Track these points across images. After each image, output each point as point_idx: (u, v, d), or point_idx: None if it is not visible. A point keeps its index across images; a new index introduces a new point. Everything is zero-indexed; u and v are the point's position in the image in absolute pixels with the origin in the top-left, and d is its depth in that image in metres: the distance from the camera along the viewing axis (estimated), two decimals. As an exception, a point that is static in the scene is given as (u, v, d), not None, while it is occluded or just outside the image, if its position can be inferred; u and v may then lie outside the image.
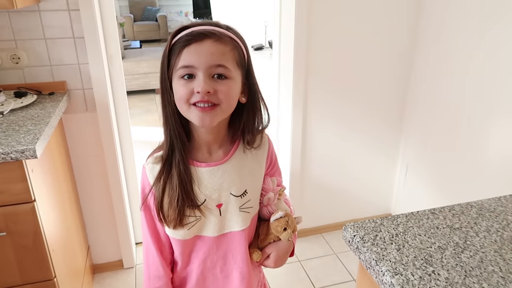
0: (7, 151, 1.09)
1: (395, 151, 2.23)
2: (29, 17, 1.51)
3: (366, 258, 0.68)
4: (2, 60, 1.52)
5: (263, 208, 0.92)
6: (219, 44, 0.75)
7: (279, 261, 0.91)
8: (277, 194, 0.93)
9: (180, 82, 0.76)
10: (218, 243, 0.88)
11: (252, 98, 0.84)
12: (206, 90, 0.74)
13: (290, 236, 0.87)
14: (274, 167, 0.96)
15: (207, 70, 0.74)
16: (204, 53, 0.74)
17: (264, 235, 0.92)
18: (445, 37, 1.82)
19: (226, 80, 0.76)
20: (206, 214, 0.84)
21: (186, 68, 0.75)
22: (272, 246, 0.91)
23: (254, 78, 0.84)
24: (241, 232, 0.87)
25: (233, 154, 0.87)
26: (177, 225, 0.83)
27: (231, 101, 0.79)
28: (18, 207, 1.19)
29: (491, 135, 1.64)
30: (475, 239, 0.71)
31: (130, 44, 6.38)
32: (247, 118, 0.85)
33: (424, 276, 0.62)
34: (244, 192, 0.87)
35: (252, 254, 0.91)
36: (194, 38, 0.74)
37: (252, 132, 0.87)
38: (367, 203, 2.31)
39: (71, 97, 1.65)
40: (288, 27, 1.86)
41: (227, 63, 0.76)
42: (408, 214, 0.79)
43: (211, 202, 0.84)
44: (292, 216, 0.89)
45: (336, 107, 2.03)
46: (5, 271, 1.25)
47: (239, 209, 0.86)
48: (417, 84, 2.03)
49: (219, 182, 0.85)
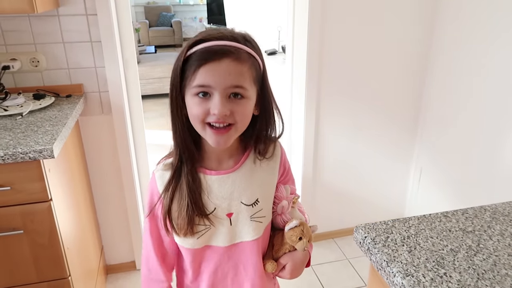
0: (26, 151, 1.12)
1: (408, 155, 2.21)
2: (48, 22, 1.55)
3: (377, 259, 0.68)
4: (22, 63, 1.57)
5: (277, 217, 0.90)
6: (237, 64, 0.73)
7: (295, 272, 0.88)
8: (291, 202, 0.90)
9: (195, 100, 0.74)
10: (229, 253, 0.86)
11: (265, 109, 0.82)
12: (223, 113, 0.72)
13: (306, 246, 0.85)
14: (287, 175, 0.95)
15: (224, 90, 0.73)
16: (222, 73, 0.72)
17: (279, 245, 0.89)
18: (461, 40, 1.81)
19: (242, 99, 0.75)
20: (216, 223, 0.83)
21: (202, 87, 0.73)
22: (287, 256, 0.88)
23: (268, 90, 0.82)
24: (253, 242, 0.86)
25: (243, 162, 0.85)
26: (187, 233, 0.81)
27: (246, 119, 0.78)
28: (35, 206, 1.21)
29: (507, 140, 1.62)
30: (488, 242, 0.71)
31: (145, 49, 6.47)
32: (259, 128, 0.84)
33: (435, 278, 0.61)
34: (256, 201, 0.85)
35: (266, 265, 0.89)
36: (211, 56, 0.72)
37: (264, 143, 0.86)
38: (380, 208, 2.29)
39: (87, 100, 1.68)
40: (301, 31, 1.87)
41: (245, 83, 0.74)
42: (420, 217, 0.78)
43: (221, 211, 0.83)
44: (307, 225, 0.87)
45: (350, 111, 2.02)
46: (22, 269, 1.28)
47: (250, 218, 0.84)
48: (432, 88, 2.01)
49: (229, 190, 0.83)
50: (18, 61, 1.55)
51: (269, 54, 3.37)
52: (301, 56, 1.91)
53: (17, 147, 1.13)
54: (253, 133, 0.84)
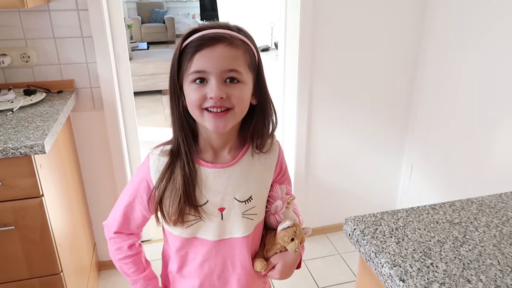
0: (17, 146, 1.12)
1: (400, 152, 2.23)
2: (39, 17, 1.54)
3: (366, 250, 0.69)
4: (12, 58, 1.56)
5: (270, 217, 0.90)
6: (231, 48, 0.75)
7: (284, 273, 0.88)
8: (286, 203, 0.90)
9: (192, 87, 0.76)
10: (218, 248, 0.86)
11: (262, 100, 0.83)
12: (219, 95, 0.73)
13: (297, 247, 0.84)
14: (284, 175, 0.95)
15: (219, 75, 0.74)
16: (217, 57, 0.74)
17: (271, 244, 0.89)
18: (451, 37, 1.83)
19: (238, 84, 0.76)
20: (206, 216, 0.83)
21: (198, 73, 0.74)
22: (278, 257, 0.88)
23: (264, 80, 0.83)
24: (243, 239, 0.86)
25: (241, 157, 0.85)
26: (177, 222, 0.82)
27: (244, 104, 0.79)
28: (27, 202, 1.21)
29: (497, 136, 1.64)
30: (474, 233, 0.72)
31: (137, 46, 6.42)
32: (257, 121, 0.84)
33: (422, 268, 0.63)
34: (249, 198, 0.85)
35: (255, 263, 0.89)
36: (206, 42, 0.74)
37: (262, 136, 0.86)
38: (372, 203, 2.31)
39: (79, 96, 1.68)
40: (293, 28, 1.87)
41: (239, 67, 0.75)
42: (409, 209, 0.80)
43: (212, 205, 0.83)
44: (300, 227, 0.86)
45: (341, 107, 2.04)
46: (13, 265, 1.27)
47: (242, 215, 0.85)
48: (423, 84, 2.03)
49: (224, 185, 0.83)
50: (9, 57, 1.54)
51: (262, 50, 3.38)
52: (293, 52, 1.91)
53: (7, 142, 1.13)
54: (251, 125, 0.84)
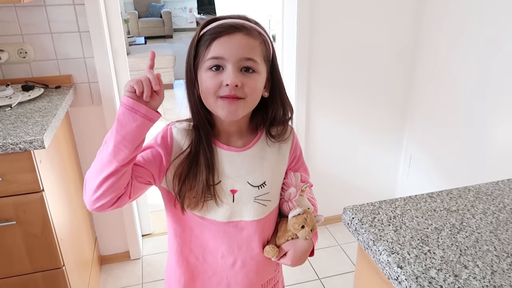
0: (16, 142, 1.12)
1: (398, 142, 2.24)
2: (35, 12, 1.53)
3: (364, 239, 0.70)
4: (9, 54, 1.55)
5: (284, 204, 0.90)
6: (249, 38, 0.76)
7: (296, 260, 0.87)
8: (299, 190, 0.89)
9: (208, 74, 0.76)
10: (225, 228, 0.85)
11: (278, 91, 0.85)
12: (235, 83, 0.74)
13: (307, 235, 0.83)
14: (298, 162, 0.95)
15: (236, 62, 0.75)
16: (235, 45, 0.75)
17: (282, 232, 0.89)
18: (448, 27, 1.82)
19: (253, 74, 0.77)
20: (218, 196, 0.82)
21: (216, 59, 0.75)
22: (289, 244, 0.87)
23: (278, 72, 0.84)
24: (252, 222, 0.85)
25: (255, 143, 0.86)
26: (192, 206, 0.81)
27: (256, 95, 0.79)
28: (27, 197, 1.22)
29: (495, 126, 1.65)
30: (471, 220, 0.73)
31: (135, 40, 6.41)
32: (272, 111, 0.85)
33: (419, 255, 0.64)
34: (263, 184, 0.85)
35: (265, 249, 0.88)
36: (225, 30, 0.75)
37: (277, 126, 0.87)
38: (371, 195, 2.32)
39: (77, 91, 1.68)
40: (291, 21, 1.87)
41: (256, 57, 0.76)
42: (406, 198, 0.80)
43: (225, 185, 0.83)
44: (312, 214, 0.85)
45: (339, 99, 2.04)
46: (16, 259, 1.28)
47: (254, 199, 0.84)
48: (421, 75, 2.03)
49: (237, 168, 0.84)
50: (6, 52, 1.54)
51: (259, 43, 3.36)
52: (291, 45, 1.91)
53: (7, 138, 1.13)
54: (267, 115, 0.86)
